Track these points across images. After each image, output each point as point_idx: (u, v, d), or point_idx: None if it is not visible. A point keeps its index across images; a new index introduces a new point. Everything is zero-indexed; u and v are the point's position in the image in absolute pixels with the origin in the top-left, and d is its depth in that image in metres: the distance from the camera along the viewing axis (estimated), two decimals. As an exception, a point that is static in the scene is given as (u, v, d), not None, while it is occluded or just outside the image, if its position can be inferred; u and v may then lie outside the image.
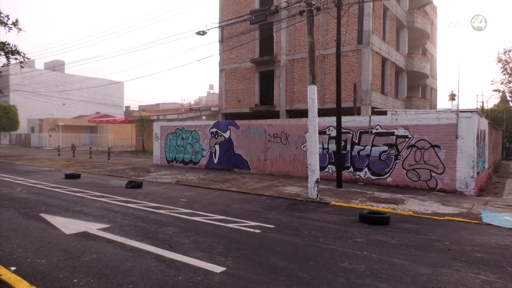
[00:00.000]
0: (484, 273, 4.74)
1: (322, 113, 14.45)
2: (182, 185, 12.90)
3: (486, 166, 15.21)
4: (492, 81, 23.52)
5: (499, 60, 21.49)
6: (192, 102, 58.96)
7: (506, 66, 21.24)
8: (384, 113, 13.35)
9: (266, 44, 24.10)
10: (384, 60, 22.13)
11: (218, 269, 4.70)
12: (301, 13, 11.32)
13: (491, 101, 42.96)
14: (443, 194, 11.12)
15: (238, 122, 17.26)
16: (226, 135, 17.52)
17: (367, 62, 19.44)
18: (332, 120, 13.76)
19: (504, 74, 21.64)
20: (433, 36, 34.35)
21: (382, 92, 22.24)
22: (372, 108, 19.65)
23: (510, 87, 22.12)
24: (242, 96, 24.99)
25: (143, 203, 9.23)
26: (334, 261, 5.08)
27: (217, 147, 17.91)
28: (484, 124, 14.47)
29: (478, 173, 11.93)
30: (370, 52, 19.49)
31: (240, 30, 23.91)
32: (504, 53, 21.18)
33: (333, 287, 4.20)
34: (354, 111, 15.75)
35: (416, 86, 30.86)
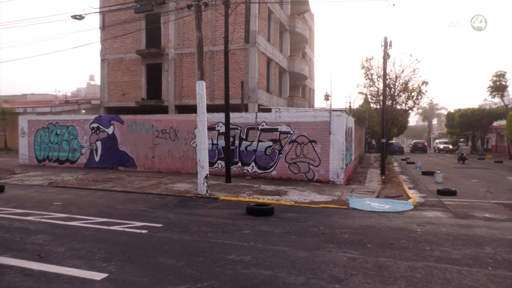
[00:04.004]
0: (350, 251, 5.47)
1: (211, 109, 14.58)
2: (56, 187, 11.49)
3: (353, 158, 17.53)
4: (357, 85, 27.00)
5: (362, 67, 24.81)
6: (69, 94, 52.79)
7: (368, 72, 24.65)
8: (269, 110, 14.19)
9: (154, 35, 23.07)
10: (269, 60, 23.43)
11: (99, 276, 4.35)
12: (189, 7, 11.17)
13: (357, 102, 49.57)
14: (319, 184, 12.41)
15: (122, 117, 16.19)
16: (109, 130, 16.25)
17: (254, 61, 20.32)
18: (221, 116, 14.00)
19: (366, 79, 25.10)
20: (311, 41, 37.84)
21: (268, 90, 23.55)
22: (259, 105, 20.65)
23: (371, 90, 25.79)
24: (127, 89, 23.45)
25: (5, 210, 7.92)
26: (222, 255, 5.20)
27: (99, 144, 16.48)
28: (351, 122, 16.61)
29: (347, 165, 13.66)
30: (256, 51, 20.40)
31: (124, 19, 22.35)
32: (366, 61, 24.53)
33: (221, 280, 4.31)
34: (242, 108, 16.32)
35: (297, 86, 33.58)
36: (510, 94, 37.53)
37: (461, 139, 49.92)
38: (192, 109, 15.59)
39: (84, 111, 26.78)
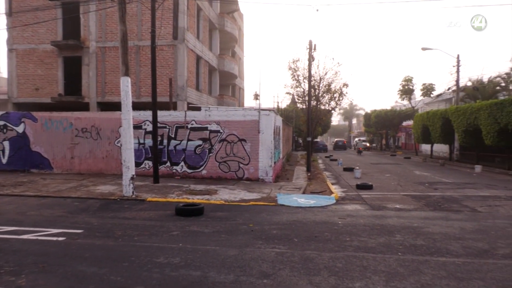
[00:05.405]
0: (278, 246, 5.66)
1: (137, 107, 13.94)
2: (-49, 194, 10.02)
3: (281, 156, 18.14)
4: (285, 85, 27.90)
5: (290, 68, 25.64)
6: (-32, 87, 46.25)
7: (294, 73, 25.52)
8: (198, 109, 14.02)
9: (72, 26, 21.26)
10: (198, 58, 23.13)
11: (6, 291, 3.91)
12: (112, -2, 10.54)
13: (285, 102, 51.30)
14: (249, 183, 12.61)
15: (35, 114, 14.71)
16: (20, 129, 14.64)
17: (183, 58, 19.89)
18: (148, 114, 13.47)
19: (293, 80, 25.98)
20: (241, 41, 38.21)
21: (197, 88, 23.23)
22: (188, 103, 20.27)
23: (297, 91, 26.80)
24: (41, 83, 21.30)
25: None
26: (149, 258, 5.01)
27: (6, 143, 14.74)
28: (279, 121, 17.18)
29: (275, 163, 14.09)
30: (185, 48, 19.99)
31: (37, 5, 20.25)
32: (293, 62, 25.41)
33: (148, 284, 4.15)
34: (171, 106, 15.85)
35: (227, 85, 33.67)
36: (416, 97, 42.07)
37: (359, 138, 58.60)
38: (117, 106, 14.72)
39: (-13, 106, 23.70)
